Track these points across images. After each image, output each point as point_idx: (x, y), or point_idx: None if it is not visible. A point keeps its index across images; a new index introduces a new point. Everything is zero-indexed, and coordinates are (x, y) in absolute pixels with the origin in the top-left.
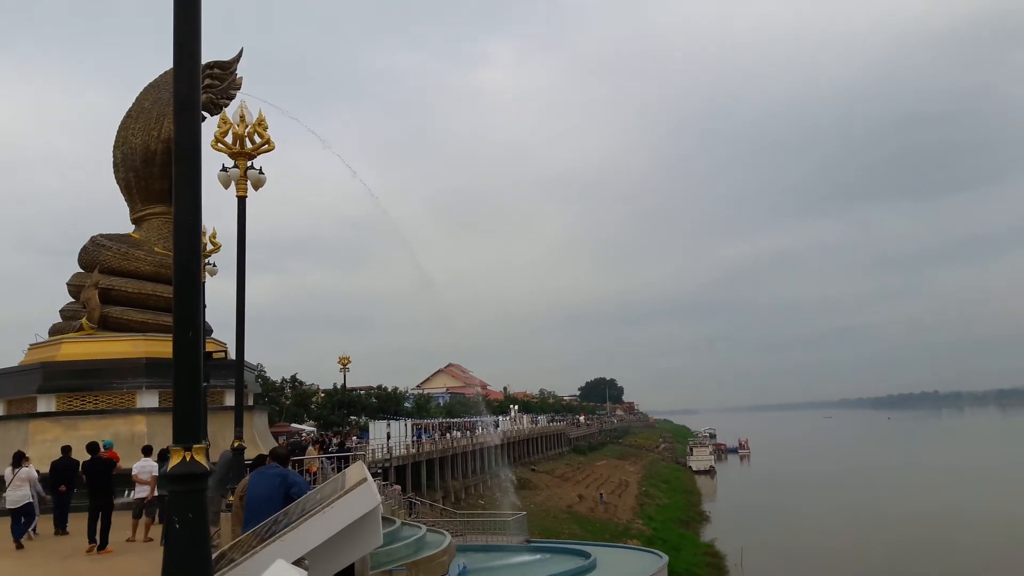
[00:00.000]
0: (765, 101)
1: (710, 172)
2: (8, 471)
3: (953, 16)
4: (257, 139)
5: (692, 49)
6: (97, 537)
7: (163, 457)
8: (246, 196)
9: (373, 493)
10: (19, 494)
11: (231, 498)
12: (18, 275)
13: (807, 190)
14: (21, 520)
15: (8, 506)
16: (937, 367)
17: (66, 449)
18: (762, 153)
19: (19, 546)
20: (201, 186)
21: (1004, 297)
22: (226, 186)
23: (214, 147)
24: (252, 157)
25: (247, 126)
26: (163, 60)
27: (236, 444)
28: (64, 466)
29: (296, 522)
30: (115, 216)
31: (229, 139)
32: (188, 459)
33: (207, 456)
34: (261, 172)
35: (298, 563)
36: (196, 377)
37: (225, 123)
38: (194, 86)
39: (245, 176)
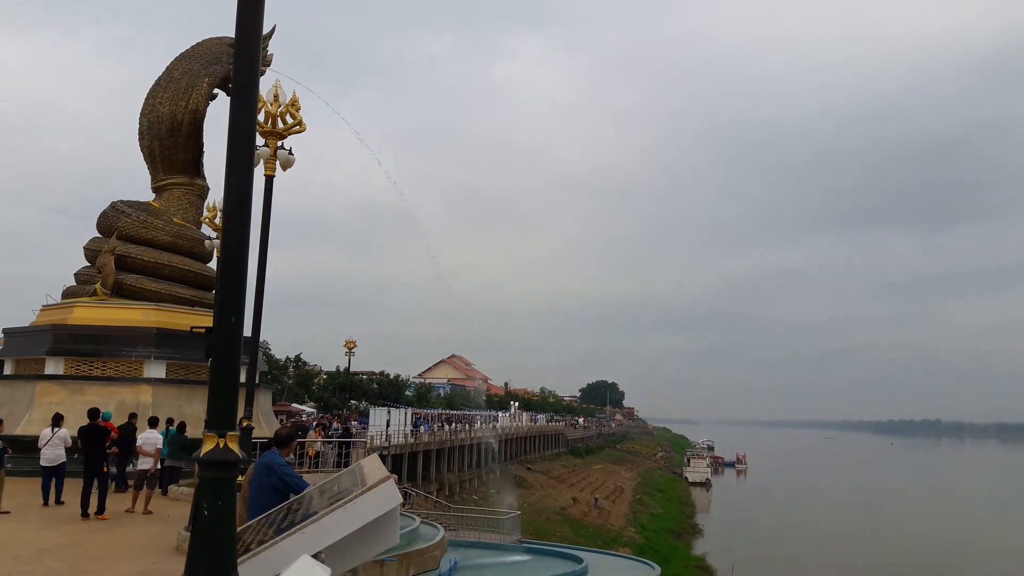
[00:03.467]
0: (782, 120)
1: (723, 186)
2: (47, 431)
3: (974, 48)
4: (289, 119)
5: (714, 64)
6: (92, 505)
7: (180, 429)
8: (274, 176)
9: (395, 491)
10: (55, 453)
11: (239, 479)
12: (29, 234)
13: (818, 210)
14: (52, 480)
15: (44, 464)
16: (940, 396)
17: (93, 413)
18: (775, 171)
19: (60, 502)
20: (253, 170)
21: (1010, 331)
22: (255, 164)
23: None
24: (283, 137)
25: (280, 105)
26: (188, 28)
27: (244, 424)
28: (90, 431)
29: (317, 515)
30: (132, 182)
31: (260, 117)
32: (222, 446)
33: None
34: (291, 153)
35: (315, 557)
36: (235, 362)
37: (259, 101)
38: (253, 71)
39: (275, 156)
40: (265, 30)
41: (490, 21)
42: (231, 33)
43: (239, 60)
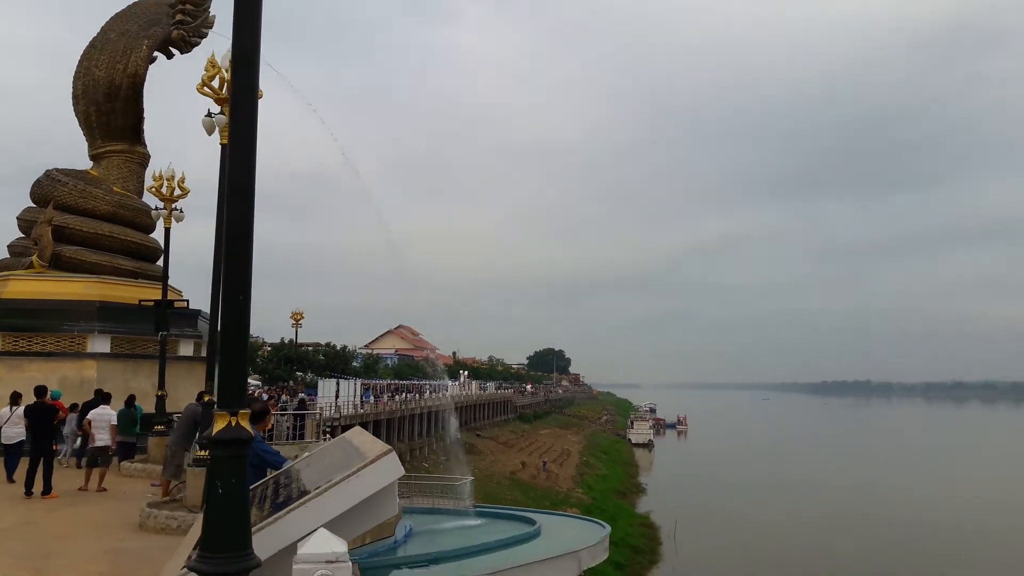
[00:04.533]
0: (729, 93)
1: (670, 157)
2: (6, 410)
3: (917, 20)
4: None
5: (662, 30)
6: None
7: (129, 403)
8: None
9: (397, 464)
10: (15, 431)
11: (201, 453)
12: None
13: (761, 179)
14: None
15: (4, 442)
16: (871, 358)
17: (40, 391)
18: (721, 142)
19: (11, 480)
20: (256, 146)
21: (938, 295)
22: (210, 132)
23: (200, 91)
24: None
25: None
26: None
27: (207, 398)
28: (37, 409)
29: (321, 488)
30: (63, 148)
31: (215, 83)
32: (233, 424)
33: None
34: None
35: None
36: (243, 341)
37: (213, 67)
38: (255, 39)
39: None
40: None
41: None
42: None
43: (239, 26)
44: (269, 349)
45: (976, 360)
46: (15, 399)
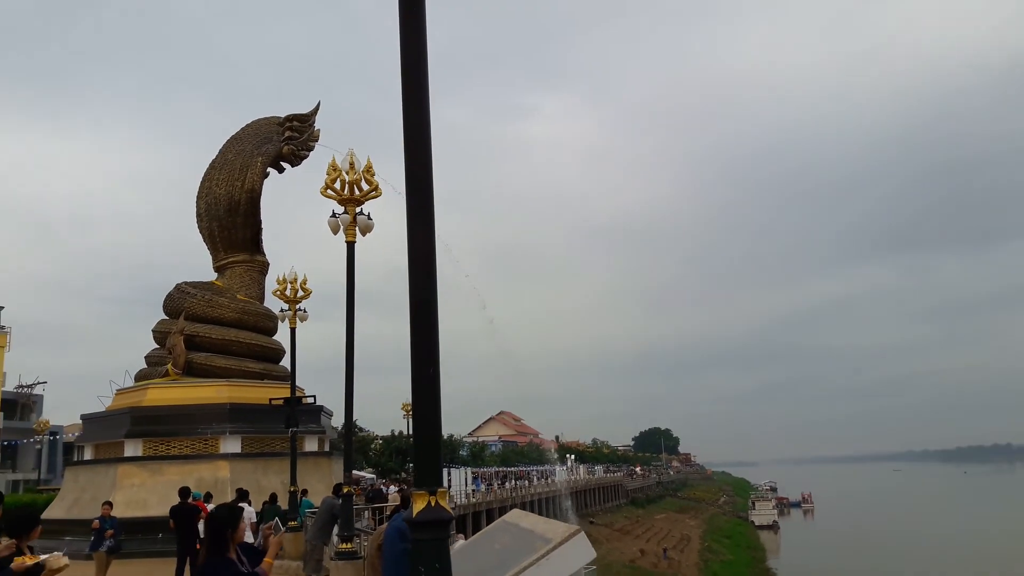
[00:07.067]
0: (813, 147)
1: (759, 219)
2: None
3: (1009, 56)
4: (365, 186)
5: (738, 98)
6: None
7: (273, 499)
8: (355, 242)
9: (589, 545)
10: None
11: (344, 546)
12: (84, 325)
13: (859, 236)
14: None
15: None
16: (1008, 418)
17: (184, 492)
18: (811, 199)
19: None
20: (435, 221)
21: None
22: (335, 232)
23: (323, 194)
24: (360, 203)
25: (355, 173)
26: (217, 118)
27: (346, 490)
28: (181, 510)
29: (513, 571)
30: (181, 264)
31: (336, 185)
32: (433, 504)
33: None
34: (369, 217)
35: None
36: (436, 415)
37: (335, 170)
38: (424, 119)
39: (354, 222)
40: (309, 108)
41: (510, 82)
42: (269, 113)
43: (409, 105)
44: (380, 442)
45: None
46: (243, 497)
